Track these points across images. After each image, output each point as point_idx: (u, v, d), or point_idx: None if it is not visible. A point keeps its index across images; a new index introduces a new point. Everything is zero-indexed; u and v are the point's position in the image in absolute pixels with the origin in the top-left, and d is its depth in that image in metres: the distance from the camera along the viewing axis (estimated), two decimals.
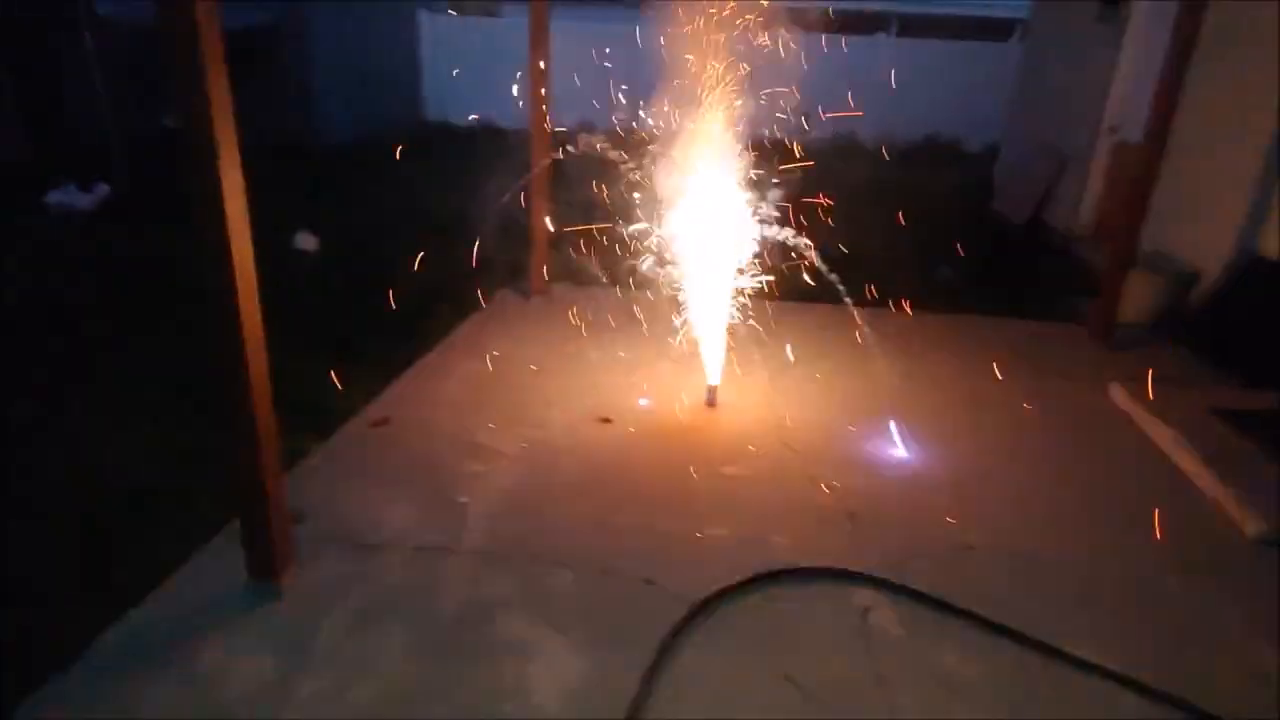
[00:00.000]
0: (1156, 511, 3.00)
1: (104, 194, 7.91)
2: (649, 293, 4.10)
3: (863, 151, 14.46)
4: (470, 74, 14.98)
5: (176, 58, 1.92)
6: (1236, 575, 2.80)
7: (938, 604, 2.51)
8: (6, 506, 3.07)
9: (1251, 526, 3.05)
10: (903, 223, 7.51)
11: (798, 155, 3.92)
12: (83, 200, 7.74)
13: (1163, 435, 3.69)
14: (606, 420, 3.70)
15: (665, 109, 3.85)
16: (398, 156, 6.54)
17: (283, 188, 9.06)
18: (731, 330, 4.01)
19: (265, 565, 2.46)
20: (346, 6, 12.89)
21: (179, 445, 3.42)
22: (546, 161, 5.09)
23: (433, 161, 11.84)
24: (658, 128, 3.86)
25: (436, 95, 15.75)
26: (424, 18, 15.77)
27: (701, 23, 3.75)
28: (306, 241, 6.66)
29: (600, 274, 4.82)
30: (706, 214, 3.80)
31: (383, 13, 13.93)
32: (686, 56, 3.70)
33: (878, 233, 8.02)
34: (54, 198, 7.72)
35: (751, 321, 4.25)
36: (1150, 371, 3.91)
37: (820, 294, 5.54)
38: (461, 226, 7.49)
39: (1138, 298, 5.19)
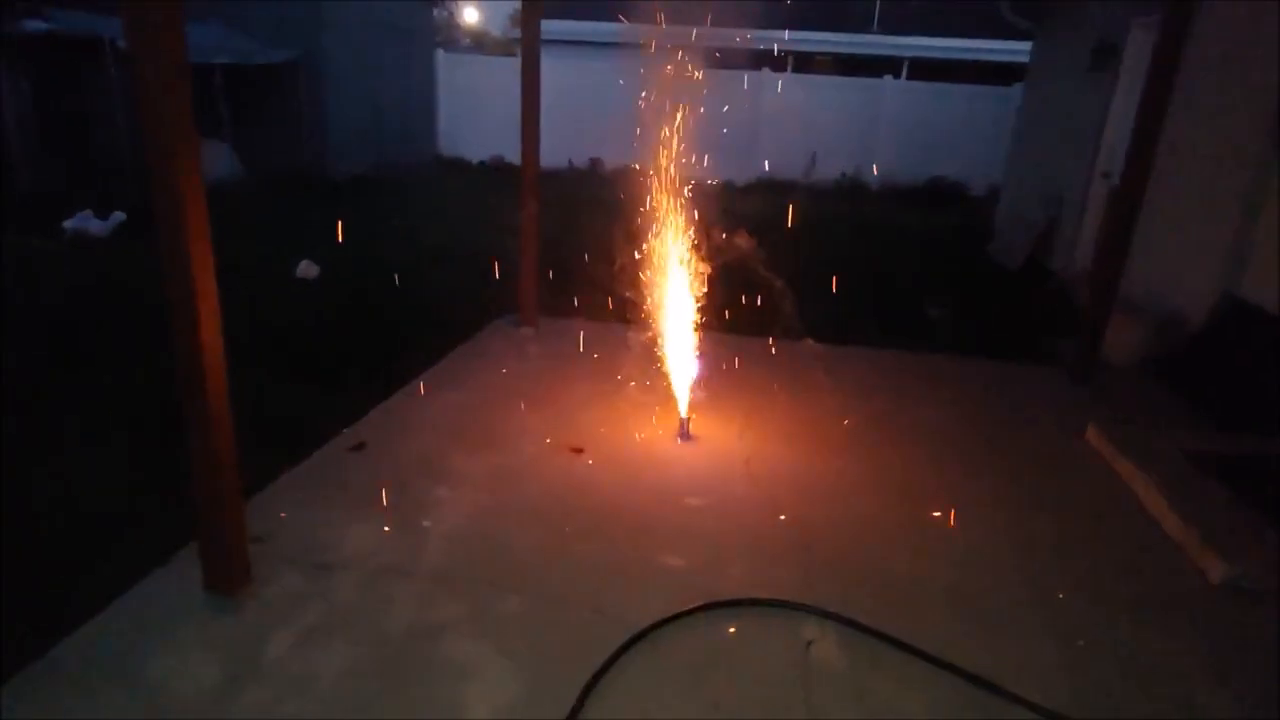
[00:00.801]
0: None
1: (119, 220, 8.16)
2: (632, 328, 4.19)
3: (867, 193, 14.65)
4: (484, 111, 15.43)
5: (142, 86, 2.02)
6: (1198, 619, 2.78)
7: (881, 637, 2.51)
8: None
9: (1216, 571, 3.03)
10: (898, 264, 7.60)
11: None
12: (97, 226, 7.99)
13: (1133, 477, 3.68)
14: (578, 450, 3.75)
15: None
16: (409, 189, 6.77)
17: (295, 217, 9.33)
18: (708, 365, 4.07)
19: (221, 581, 2.52)
20: (365, 45, 13.32)
21: (154, 462, 3.50)
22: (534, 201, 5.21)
23: (443, 195, 12.12)
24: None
25: (451, 131, 16.15)
26: (441, 56, 16.23)
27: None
28: (308, 270, 6.82)
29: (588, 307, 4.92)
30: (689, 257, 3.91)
31: (400, 51, 14.36)
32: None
33: (873, 273, 8.13)
34: (70, 224, 7.97)
35: (729, 358, 4.32)
36: (1124, 413, 3.92)
37: (802, 331, 5.64)
38: (461, 258, 7.68)
39: (1123, 340, 5.21)
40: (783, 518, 3.23)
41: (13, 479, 3.46)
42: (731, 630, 2.54)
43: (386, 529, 3.00)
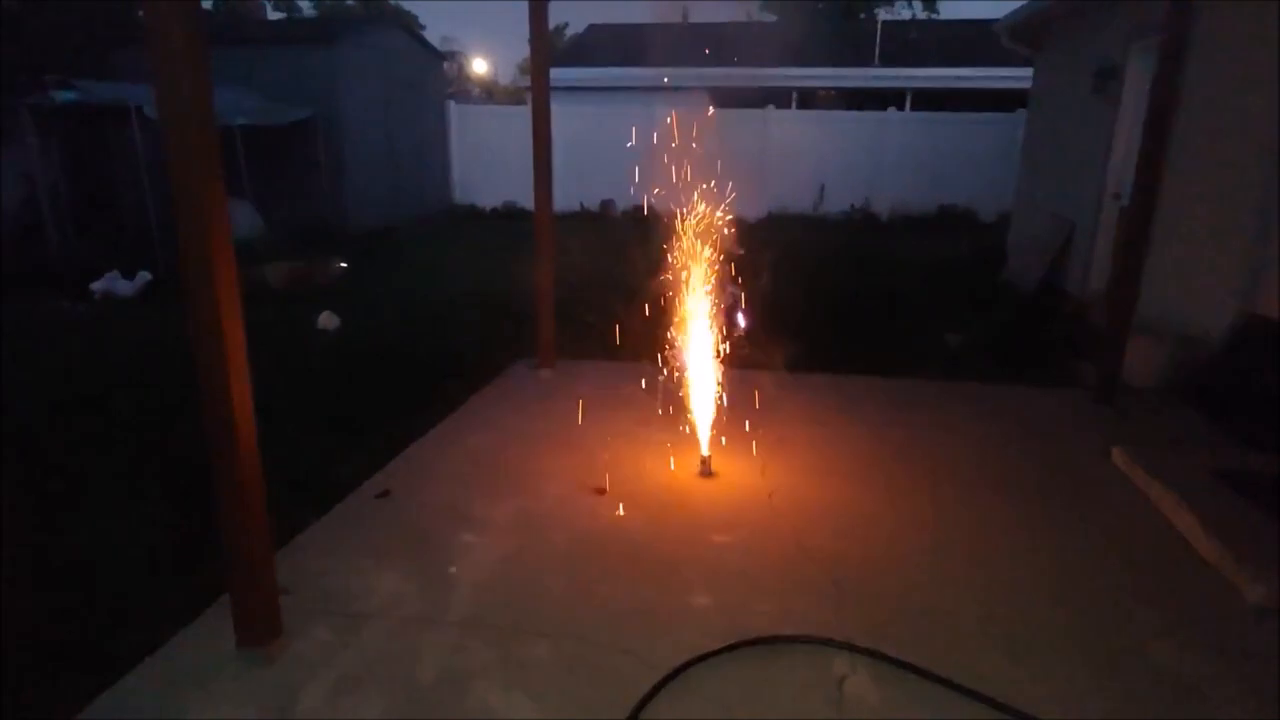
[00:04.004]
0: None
1: (145, 280, 8.37)
2: (651, 367, 4.23)
3: (877, 224, 14.73)
4: (496, 160, 15.74)
5: (173, 153, 2.11)
6: (1235, 642, 2.73)
7: (916, 671, 2.48)
8: (5, 575, 3.19)
9: (1253, 592, 2.98)
10: (913, 293, 7.59)
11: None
12: (124, 287, 8.19)
13: (1163, 498, 3.64)
14: (601, 491, 3.76)
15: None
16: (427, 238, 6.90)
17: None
18: (728, 401, 4.09)
19: (253, 635, 2.54)
20: (379, 100, 13.67)
21: (184, 518, 3.55)
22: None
23: (458, 243, 12.32)
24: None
25: (464, 180, 16.46)
26: (452, 108, 16.61)
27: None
28: (328, 321, 6.94)
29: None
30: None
31: (413, 104, 14.72)
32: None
33: (888, 302, 8.15)
34: (98, 285, 8.18)
35: (749, 392, 4.33)
36: (1149, 434, 3.88)
37: (820, 364, 5.65)
38: (478, 304, 7.79)
39: (1144, 361, 5.17)
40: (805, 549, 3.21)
41: (46, 537, 3.53)
42: (763, 668, 2.52)
43: (413, 577, 3.01)
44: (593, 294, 6.32)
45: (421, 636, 2.67)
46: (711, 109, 3.99)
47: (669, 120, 4.11)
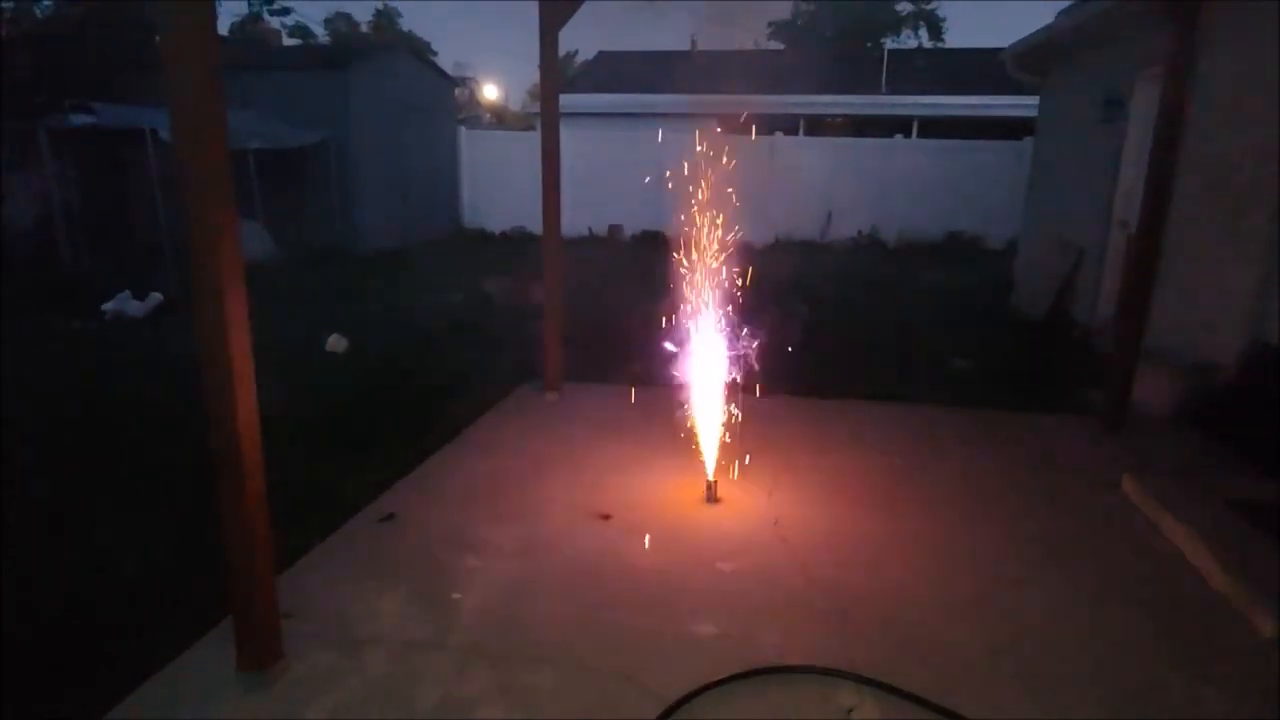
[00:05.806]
0: None
1: (156, 301, 8.42)
2: (657, 391, 4.22)
3: (885, 250, 14.76)
4: (505, 184, 15.89)
5: (186, 175, 2.14)
6: (1248, 677, 2.68)
7: (923, 703, 2.44)
8: (7, 596, 3.18)
9: (1269, 625, 2.93)
10: (921, 319, 7.57)
11: None
12: (135, 308, 8.24)
13: (1174, 529, 3.59)
14: (606, 516, 3.73)
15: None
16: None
17: (323, 292, 9.58)
18: (734, 426, 4.07)
19: (254, 658, 2.52)
20: (390, 124, 13.84)
21: (187, 540, 3.54)
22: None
23: (467, 267, 12.38)
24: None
25: (474, 204, 16.60)
26: (463, 133, 16.79)
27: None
28: (336, 344, 6.96)
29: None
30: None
31: (424, 129, 14.89)
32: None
33: (896, 328, 8.15)
34: (110, 305, 8.23)
35: (755, 417, 4.31)
36: (1160, 463, 3.85)
37: (828, 389, 5.64)
38: (485, 327, 7.81)
39: (1154, 389, 5.14)
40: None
41: (48, 557, 3.52)
42: (769, 699, 2.49)
43: (416, 602, 2.99)
44: (604, 316, 6.35)
45: (423, 662, 2.65)
46: (718, 135, 4.01)
47: (676, 146, 4.14)
